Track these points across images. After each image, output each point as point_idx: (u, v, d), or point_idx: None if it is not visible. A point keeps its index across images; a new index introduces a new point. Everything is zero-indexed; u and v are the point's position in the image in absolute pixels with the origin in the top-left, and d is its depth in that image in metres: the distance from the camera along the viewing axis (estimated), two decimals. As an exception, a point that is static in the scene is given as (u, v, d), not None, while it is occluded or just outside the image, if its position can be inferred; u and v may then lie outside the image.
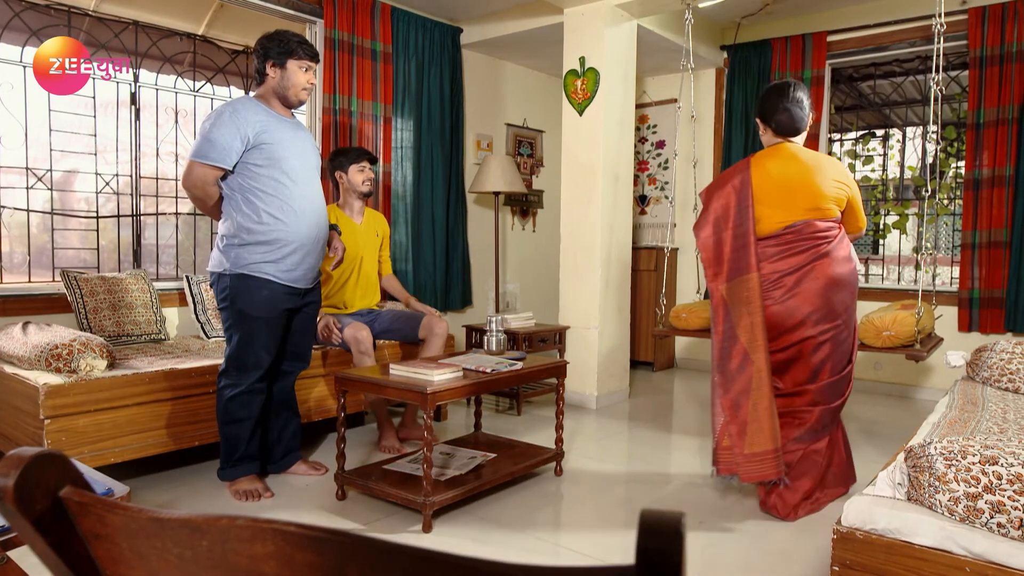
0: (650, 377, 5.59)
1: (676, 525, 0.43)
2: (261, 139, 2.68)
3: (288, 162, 2.73)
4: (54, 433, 2.62)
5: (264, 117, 2.72)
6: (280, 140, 2.72)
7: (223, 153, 2.63)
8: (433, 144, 4.96)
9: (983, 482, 1.58)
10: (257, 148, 2.67)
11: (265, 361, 2.82)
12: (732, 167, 2.89)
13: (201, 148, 2.63)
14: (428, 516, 2.54)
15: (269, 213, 2.70)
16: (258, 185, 2.69)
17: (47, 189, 3.77)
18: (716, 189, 2.83)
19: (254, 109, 2.72)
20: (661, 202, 6.15)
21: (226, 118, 2.64)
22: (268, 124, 2.71)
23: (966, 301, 4.62)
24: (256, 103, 2.75)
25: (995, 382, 2.91)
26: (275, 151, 2.70)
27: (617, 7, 4.46)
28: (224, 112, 2.66)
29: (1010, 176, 4.43)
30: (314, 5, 4.37)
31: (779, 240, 2.73)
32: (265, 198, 2.69)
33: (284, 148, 2.73)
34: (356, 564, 0.48)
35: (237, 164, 2.67)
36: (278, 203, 2.71)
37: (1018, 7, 4.38)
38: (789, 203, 2.73)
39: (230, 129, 2.63)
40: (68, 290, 3.38)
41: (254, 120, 2.68)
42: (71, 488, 0.58)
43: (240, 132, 2.64)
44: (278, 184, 2.71)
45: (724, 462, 2.67)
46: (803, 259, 2.70)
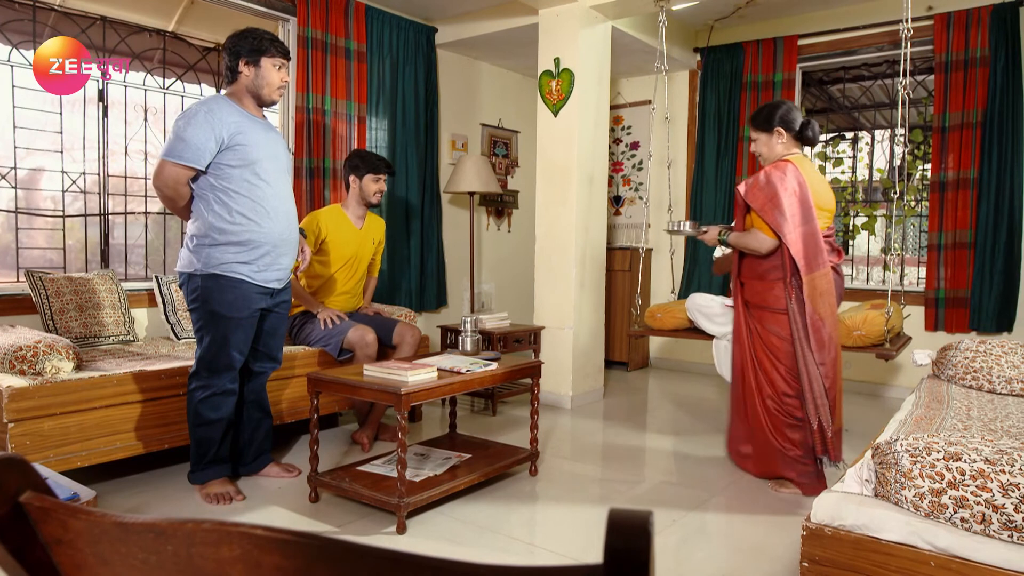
0: (625, 377, 5.63)
1: (644, 524, 0.44)
2: (236, 140, 2.65)
3: (261, 164, 2.71)
4: (18, 437, 2.56)
5: (239, 118, 2.69)
6: (254, 142, 2.70)
7: (197, 153, 2.59)
8: (408, 144, 4.94)
9: (947, 478, 1.61)
10: (231, 149, 2.64)
11: (237, 362, 2.78)
12: (777, 168, 2.90)
13: (175, 147, 2.59)
14: (402, 517, 2.53)
15: (241, 214, 2.67)
16: (231, 186, 2.66)
17: (11, 187, 3.69)
18: (779, 189, 2.83)
19: (228, 109, 2.68)
20: (635, 203, 6.20)
21: (201, 118, 2.60)
22: (243, 125, 2.68)
23: (932, 301, 4.71)
24: (230, 102, 2.72)
25: (960, 380, 2.98)
26: (249, 153, 2.68)
27: (592, 8, 4.48)
28: (199, 111, 2.62)
29: (974, 179, 4.54)
30: (287, 3, 4.33)
31: (825, 240, 2.96)
32: (238, 199, 2.66)
33: (258, 150, 2.71)
34: (324, 566, 0.48)
35: (210, 164, 2.64)
36: (251, 204, 2.68)
37: (982, 13, 4.49)
38: (827, 207, 3.00)
39: (205, 129, 2.59)
40: (33, 291, 3.30)
41: (229, 121, 2.65)
42: (32, 493, 0.57)
43: (215, 133, 2.61)
44: (251, 185, 2.69)
45: (835, 447, 2.91)
46: (833, 259, 3.01)
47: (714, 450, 3.60)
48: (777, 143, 3.02)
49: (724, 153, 5.50)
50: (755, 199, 2.89)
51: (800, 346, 2.86)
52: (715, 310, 3.60)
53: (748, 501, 2.91)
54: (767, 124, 3.02)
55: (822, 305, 2.86)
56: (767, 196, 2.85)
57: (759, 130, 3.06)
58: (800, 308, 2.86)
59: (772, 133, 3.02)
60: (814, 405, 2.85)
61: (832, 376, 2.90)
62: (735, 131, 5.46)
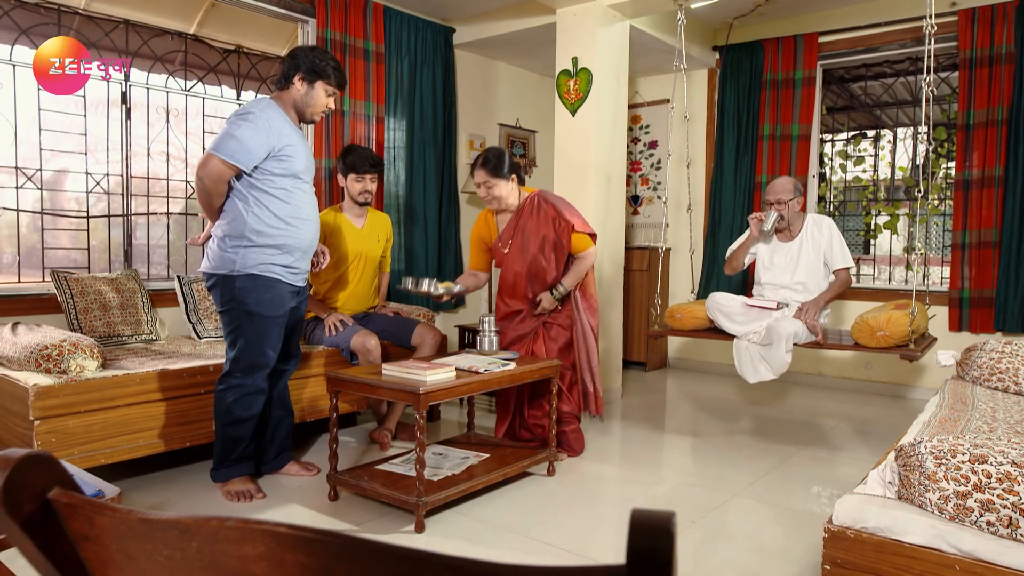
0: (643, 377, 5.61)
1: (667, 525, 0.44)
2: (285, 152, 2.73)
3: (301, 174, 2.81)
4: (44, 434, 2.61)
5: (290, 130, 2.77)
6: (298, 154, 2.79)
7: (248, 156, 2.65)
8: (425, 144, 4.96)
9: (972, 480, 1.59)
10: (278, 158, 2.72)
11: (272, 360, 2.85)
12: (550, 194, 3.42)
13: (227, 145, 2.63)
14: (421, 516, 2.54)
15: (280, 219, 2.74)
16: (272, 191, 2.72)
17: (37, 188, 3.75)
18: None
19: (281, 119, 2.75)
20: (654, 202, 6.17)
21: (261, 124, 2.66)
22: (292, 137, 2.77)
23: (956, 301, 4.65)
24: (281, 111, 2.78)
25: (985, 381, 2.93)
26: (293, 164, 2.76)
27: (609, 7, 4.46)
28: (259, 117, 2.68)
29: (999, 177, 4.46)
30: (306, 4, 4.36)
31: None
32: (278, 204, 2.74)
33: (300, 162, 2.80)
34: (346, 564, 0.48)
35: (255, 168, 2.70)
36: (289, 209, 2.76)
37: (1007, 9, 4.41)
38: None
39: (261, 136, 2.66)
40: (58, 290, 3.36)
41: (283, 132, 2.73)
42: (59, 490, 0.58)
43: (269, 141, 2.68)
44: (289, 193, 2.77)
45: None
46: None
47: (734, 451, 3.57)
48: (512, 188, 3.33)
49: (743, 152, 5.46)
50: (578, 220, 3.34)
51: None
52: (735, 309, 3.57)
53: (769, 503, 2.88)
54: (503, 171, 3.28)
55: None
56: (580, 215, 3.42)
57: (500, 178, 3.27)
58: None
59: (509, 179, 3.30)
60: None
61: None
62: (754, 130, 5.41)
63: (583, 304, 3.38)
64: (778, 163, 5.29)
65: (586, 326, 3.39)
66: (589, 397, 3.44)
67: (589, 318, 3.40)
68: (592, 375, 3.41)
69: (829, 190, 5.46)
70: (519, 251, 3.35)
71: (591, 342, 3.40)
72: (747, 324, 3.52)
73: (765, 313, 3.54)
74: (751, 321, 3.53)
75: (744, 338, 3.52)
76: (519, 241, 3.35)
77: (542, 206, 3.34)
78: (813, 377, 5.33)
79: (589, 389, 3.42)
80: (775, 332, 3.38)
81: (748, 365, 3.50)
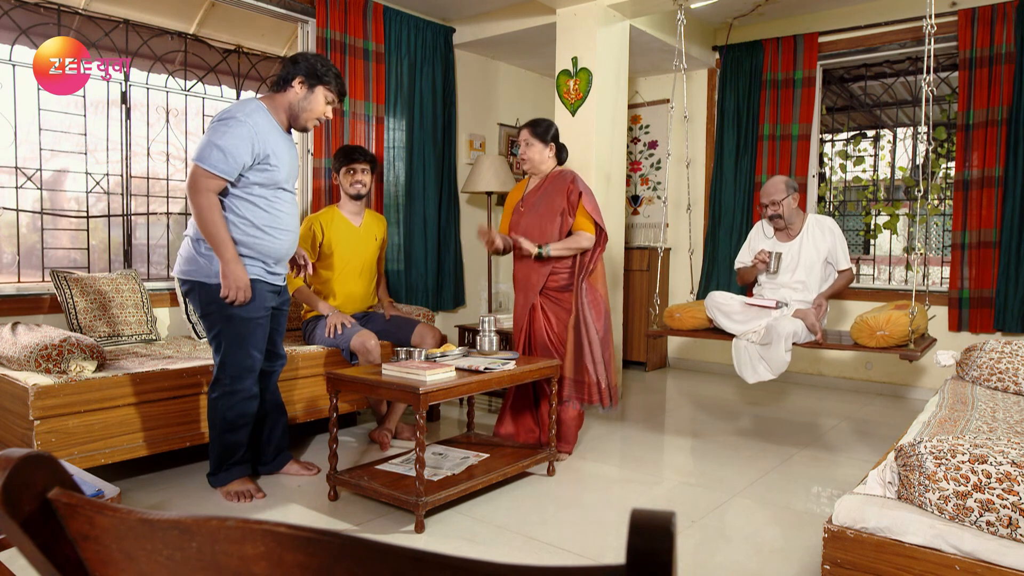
0: (643, 377, 5.61)
1: (667, 525, 0.44)
2: (268, 160, 2.65)
3: (283, 182, 2.74)
4: (44, 434, 2.61)
5: (276, 137, 2.69)
6: (282, 163, 2.71)
7: (232, 165, 2.57)
8: (425, 144, 4.96)
9: (972, 480, 1.59)
10: (260, 167, 2.64)
11: (258, 363, 2.81)
12: (575, 176, 3.41)
13: (210, 154, 2.54)
14: (420, 516, 2.54)
15: (258, 228, 2.68)
16: (252, 199, 2.66)
17: (37, 188, 3.75)
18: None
19: (267, 124, 2.66)
20: (654, 202, 6.17)
21: (246, 131, 2.57)
22: (277, 145, 2.69)
23: (956, 301, 4.65)
24: (267, 114, 2.69)
25: (984, 381, 2.93)
26: (275, 174, 2.69)
27: (609, 7, 4.46)
28: (242, 122, 2.58)
29: (999, 177, 4.46)
30: (306, 4, 4.36)
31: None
32: (257, 213, 2.68)
33: (283, 170, 2.72)
34: (346, 564, 0.48)
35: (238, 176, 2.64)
36: (268, 219, 2.71)
37: (1007, 9, 4.41)
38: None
39: (245, 143, 2.57)
40: (58, 290, 3.36)
41: (268, 139, 2.64)
42: (59, 489, 0.58)
43: (253, 149, 2.60)
44: (269, 202, 2.70)
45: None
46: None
47: (734, 451, 3.57)
48: (548, 156, 3.42)
49: (743, 152, 5.46)
50: (590, 202, 3.36)
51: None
52: (734, 308, 3.57)
53: (769, 503, 2.89)
54: (545, 136, 3.38)
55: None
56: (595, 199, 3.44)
57: (538, 140, 3.38)
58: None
59: (547, 146, 3.40)
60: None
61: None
62: (754, 130, 5.41)
63: (587, 297, 3.39)
64: (778, 163, 5.29)
65: (588, 317, 3.39)
66: (591, 388, 3.42)
67: (592, 311, 3.41)
68: (595, 366, 3.42)
69: (829, 190, 5.46)
70: (532, 208, 3.46)
71: (593, 334, 3.40)
72: (746, 323, 3.52)
73: (764, 312, 3.54)
74: (750, 320, 3.53)
75: (743, 337, 3.52)
76: (535, 202, 3.47)
77: (566, 178, 3.41)
78: (813, 377, 5.33)
79: (592, 380, 3.41)
80: (774, 331, 3.38)
81: (747, 365, 3.50)
